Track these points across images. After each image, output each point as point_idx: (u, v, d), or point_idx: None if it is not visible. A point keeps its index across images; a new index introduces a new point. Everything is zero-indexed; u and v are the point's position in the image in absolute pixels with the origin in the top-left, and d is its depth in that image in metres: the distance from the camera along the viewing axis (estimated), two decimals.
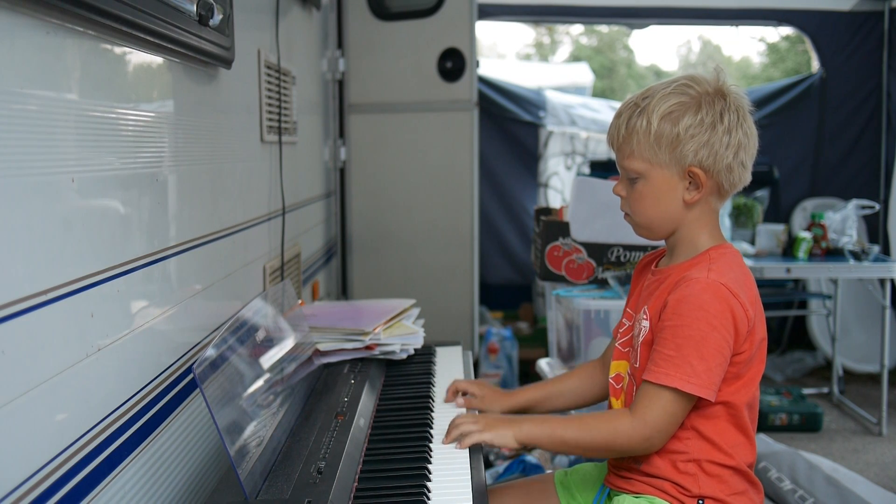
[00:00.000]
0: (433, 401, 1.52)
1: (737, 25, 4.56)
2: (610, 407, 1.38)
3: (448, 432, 1.31)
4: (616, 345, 1.37)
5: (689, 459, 1.24)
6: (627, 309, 1.38)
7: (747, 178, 1.27)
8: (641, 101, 1.25)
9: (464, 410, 1.47)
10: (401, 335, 1.75)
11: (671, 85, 1.24)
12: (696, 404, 1.22)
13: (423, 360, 1.77)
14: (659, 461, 1.25)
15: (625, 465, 1.31)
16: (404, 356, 1.73)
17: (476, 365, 3.62)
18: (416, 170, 3.34)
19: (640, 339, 1.27)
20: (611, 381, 1.37)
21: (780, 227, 3.40)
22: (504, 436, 1.27)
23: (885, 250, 3.91)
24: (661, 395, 1.20)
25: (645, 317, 1.27)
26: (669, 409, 1.20)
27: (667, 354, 1.19)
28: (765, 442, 2.80)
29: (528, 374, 3.73)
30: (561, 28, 15.53)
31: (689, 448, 1.24)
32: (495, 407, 1.49)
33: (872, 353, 3.78)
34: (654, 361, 1.21)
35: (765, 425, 3.29)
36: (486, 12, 4.04)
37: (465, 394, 1.52)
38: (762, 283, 3.92)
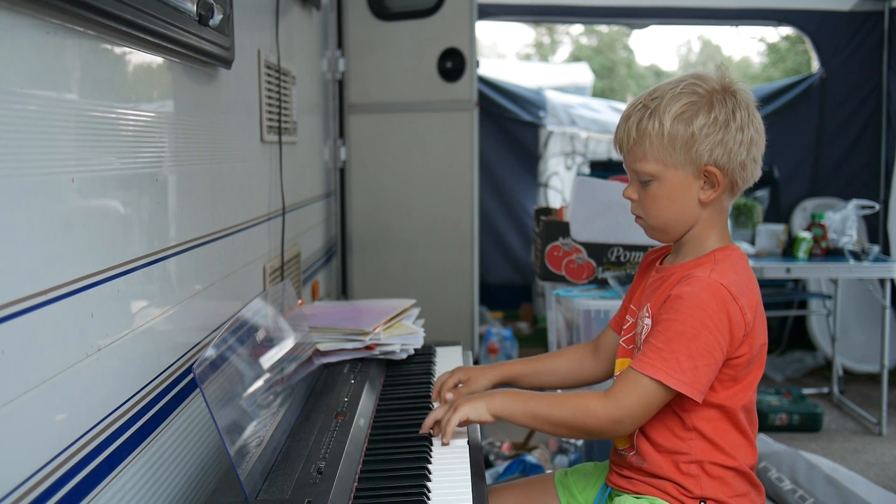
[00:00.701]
0: (433, 401, 1.52)
1: (737, 25, 4.56)
2: None
3: (430, 426, 1.31)
4: (620, 342, 1.37)
5: (691, 461, 1.24)
6: (631, 306, 1.38)
7: (758, 174, 1.27)
8: (650, 101, 1.23)
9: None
10: (401, 335, 1.75)
11: (679, 84, 1.23)
12: (694, 405, 1.22)
13: (423, 360, 1.77)
14: (661, 461, 1.25)
15: (626, 464, 1.31)
16: (404, 356, 1.73)
17: (476, 365, 3.61)
18: (416, 170, 3.34)
19: (643, 336, 1.27)
20: (615, 379, 1.37)
21: (780, 227, 3.40)
22: (476, 408, 1.27)
23: (885, 250, 3.91)
24: (639, 383, 1.19)
25: (647, 314, 1.27)
26: (645, 398, 1.19)
27: (656, 346, 1.19)
28: (765, 442, 2.80)
29: None
30: (561, 28, 15.53)
31: (692, 449, 1.24)
32: (482, 383, 1.47)
33: (872, 353, 3.78)
34: (643, 351, 1.21)
35: (765, 425, 3.29)
36: (486, 12, 4.04)
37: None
38: (762, 283, 3.92)
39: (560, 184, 4.53)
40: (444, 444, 1.30)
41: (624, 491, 1.31)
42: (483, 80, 4.17)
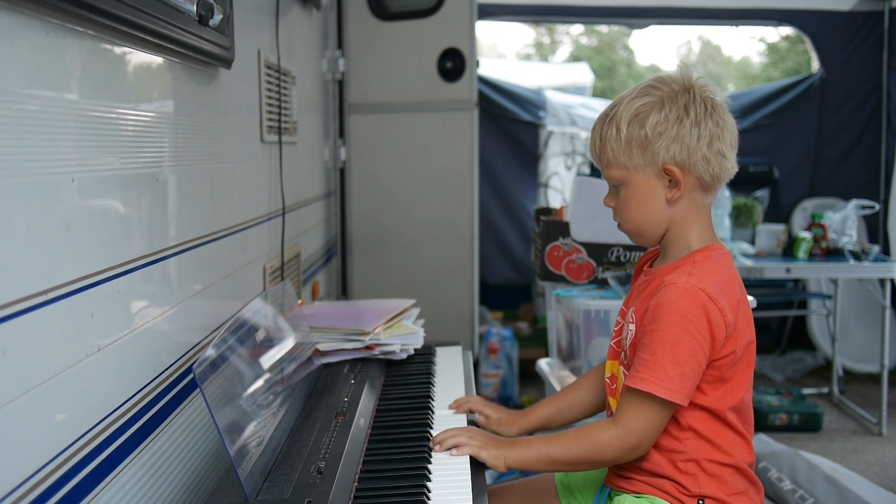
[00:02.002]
0: (433, 401, 1.52)
1: (737, 25, 4.56)
2: (608, 406, 1.38)
3: (441, 441, 1.29)
4: (611, 343, 1.38)
5: (688, 459, 1.24)
6: (622, 307, 1.39)
7: (730, 168, 1.26)
8: (611, 110, 1.27)
9: (464, 419, 1.46)
10: (401, 335, 1.75)
11: (638, 89, 1.26)
12: (684, 406, 1.22)
13: (423, 360, 1.77)
14: (660, 459, 1.25)
15: (625, 464, 1.31)
16: (404, 356, 1.73)
17: (476, 365, 3.62)
18: (416, 170, 3.34)
19: (628, 341, 1.28)
20: (606, 380, 1.37)
21: (780, 227, 3.40)
22: (496, 456, 1.27)
23: (885, 250, 3.91)
24: (642, 404, 1.20)
25: (632, 320, 1.28)
26: (651, 418, 1.21)
27: (644, 359, 1.20)
28: (765, 442, 2.80)
29: (528, 374, 3.73)
30: (561, 28, 15.52)
31: (688, 448, 1.24)
32: (511, 430, 1.46)
33: (872, 353, 3.78)
34: (634, 366, 1.22)
35: (765, 425, 3.30)
36: (486, 12, 4.04)
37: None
38: (762, 283, 3.95)
39: (560, 184, 4.53)
40: (457, 454, 1.28)
41: (623, 491, 1.31)
42: (483, 80, 4.17)
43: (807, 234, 3.30)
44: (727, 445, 1.24)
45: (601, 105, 4.90)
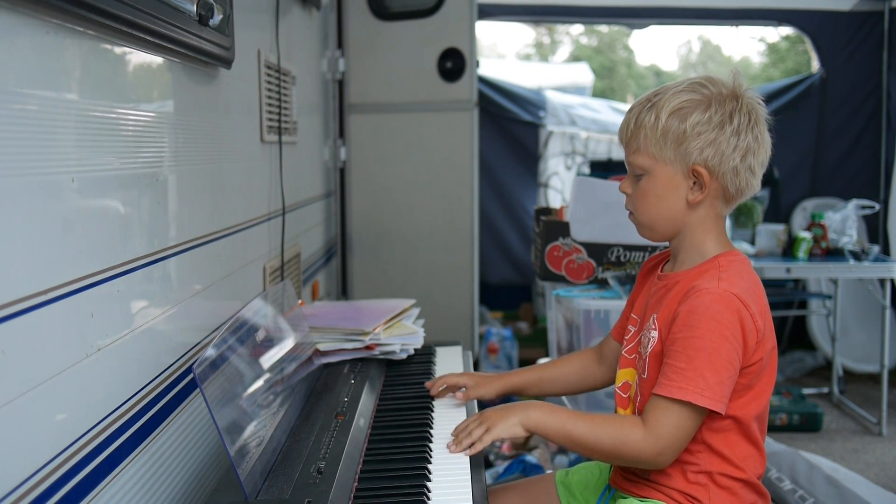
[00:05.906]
0: (433, 401, 1.52)
1: (737, 25, 4.56)
2: None
3: (459, 442, 1.28)
4: (622, 352, 1.35)
5: (699, 471, 1.22)
6: (633, 315, 1.35)
7: (755, 186, 1.24)
8: (654, 97, 1.24)
9: (463, 410, 1.47)
10: (401, 335, 1.75)
11: (685, 83, 1.24)
12: (706, 417, 1.20)
13: (423, 360, 1.77)
14: (669, 470, 1.23)
15: (632, 469, 1.29)
16: (404, 356, 1.73)
17: (476, 365, 3.62)
18: (416, 170, 3.34)
19: (649, 349, 1.24)
20: (617, 390, 1.34)
21: (780, 227, 3.40)
22: (511, 425, 1.24)
23: (885, 250, 3.91)
24: (673, 409, 1.17)
25: (654, 327, 1.25)
26: (683, 424, 1.17)
27: (679, 367, 1.16)
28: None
29: None
30: (561, 28, 15.53)
31: (700, 461, 1.22)
32: (489, 390, 1.48)
33: (872, 353, 3.78)
34: (666, 375, 1.18)
35: None
36: (486, 12, 4.04)
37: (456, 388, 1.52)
38: (762, 283, 3.93)
39: (560, 184, 4.53)
40: (470, 453, 1.27)
41: (629, 493, 1.30)
42: (483, 80, 4.17)
43: (807, 234, 3.30)
44: (740, 460, 1.22)
45: (601, 105, 4.91)
